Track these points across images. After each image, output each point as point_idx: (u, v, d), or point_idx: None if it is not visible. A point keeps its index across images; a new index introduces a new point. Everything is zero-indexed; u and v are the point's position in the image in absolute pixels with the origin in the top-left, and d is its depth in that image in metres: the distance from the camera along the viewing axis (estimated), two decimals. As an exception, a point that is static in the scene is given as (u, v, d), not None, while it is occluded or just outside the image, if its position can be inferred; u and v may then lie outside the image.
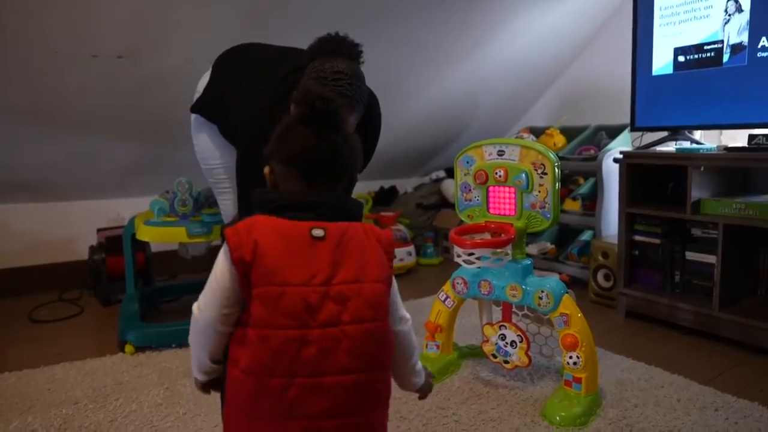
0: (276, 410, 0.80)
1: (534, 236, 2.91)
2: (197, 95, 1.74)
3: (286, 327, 0.79)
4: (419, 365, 1.00)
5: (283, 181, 0.88)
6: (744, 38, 1.97)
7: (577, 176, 2.97)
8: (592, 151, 2.72)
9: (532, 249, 2.81)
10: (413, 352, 0.97)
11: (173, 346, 1.99)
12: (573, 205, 2.77)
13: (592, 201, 2.68)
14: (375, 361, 0.83)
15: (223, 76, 1.68)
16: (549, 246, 2.86)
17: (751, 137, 1.93)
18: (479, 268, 1.59)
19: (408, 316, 0.95)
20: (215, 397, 1.67)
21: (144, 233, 2.08)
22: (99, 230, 2.68)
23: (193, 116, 1.76)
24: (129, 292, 2.27)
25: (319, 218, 0.84)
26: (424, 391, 1.04)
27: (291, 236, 0.82)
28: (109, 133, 2.45)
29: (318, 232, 0.82)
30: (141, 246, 2.44)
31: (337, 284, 0.81)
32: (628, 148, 2.46)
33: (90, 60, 2.07)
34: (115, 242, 2.47)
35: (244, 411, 0.82)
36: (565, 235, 2.96)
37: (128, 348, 1.95)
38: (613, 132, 2.77)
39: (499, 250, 1.50)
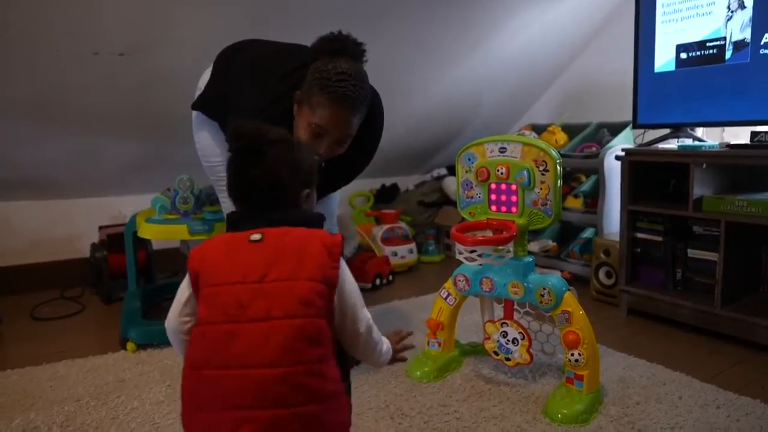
0: (211, 401, 0.85)
1: (535, 234, 2.91)
2: (198, 92, 1.74)
3: (220, 322, 0.86)
4: (383, 355, 1.07)
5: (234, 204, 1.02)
6: (747, 35, 1.97)
7: (578, 174, 2.97)
8: (594, 149, 2.71)
9: (534, 246, 2.81)
10: (374, 348, 1.03)
11: (175, 343, 1.99)
12: (575, 203, 2.76)
13: (594, 198, 2.68)
14: (305, 357, 0.84)
15: (223, 73, 1.68)
16: (551, 243, 2.86)
17: (754, 134, 1.93)
18: (481, 265, 1.59)
19: (366, 316, 0.99)
20: (217, 394, 1.67)
21: (145, 231, 2.08)
22: (101, 228, 2.68)
23: (195, 113, 1.76)
24: (131, 290, 2.28)
25: (257, 226, 0.93)
26: (393, 362, 1.13)
27: (232, 243, 0.92)
28: (111, 130, 2.45)
29: (255, 236, 0.91)
30: (142, 243, 2.44)
31: (269, 281, 0.86)
32: (630, 146, 2.46)
33: (92, 57, 2.06)
34: (116, 240, 2.47)
35: (188, 404, 0.89)
36: (566, 232, 2.95)
37: (130, 345, 1.95)
38: (615, 129, 2.77)
39: (500, 248, 1.49)
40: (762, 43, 1.93)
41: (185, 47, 2.16)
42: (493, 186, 1.58)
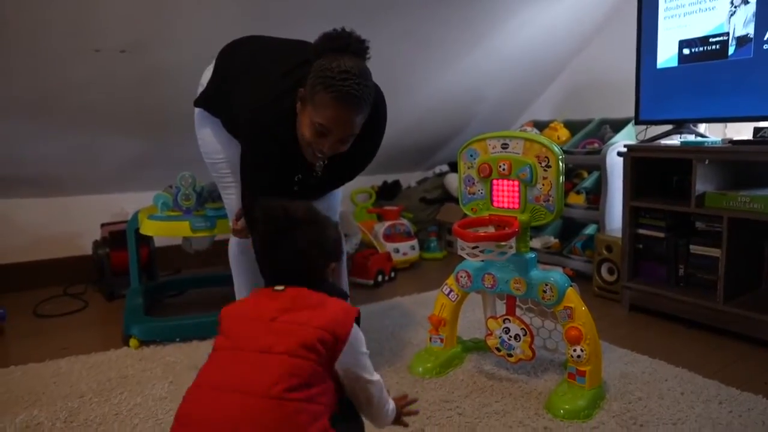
0: (208, 415, 0.89)
1: (538, 230, 2.91)
2: (201, 89, 1.74)
3: (228, 348, 0.94)
4: (388, 415, 1.08)
5: None
6: (750, 30, 1.96)
7: (581, 170, 2.97)
8: (596, 145, 2.71)
9: (536, 243, 2.81)
10: (379, 407, 1.05)
11: (177, 340, 2.00)
12: (577, 199, 2.76)
13: (596, 195, 2.68)
14: (288, 393, 0.85)
15: (225, 69, 1.68)
16: (553, 240, 2.86)
17: (756, 130, 1.92)
18: (483, 261, 1.59)
19: (375, 378, 1.02)
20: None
21: (147, 228, 2.08)
22: (103, 225, 2.69)
23: (197, 110, 1.75)
24: (133, 287, 2.28)
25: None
26: (396, 424, 1.14)
27: (258, 293, 1.01)
28: (113, 127, 2.45)
29: (279, 288, 0.98)
30: (145, 240, 2.44)
31: (281, 322, 0.92)
32: (632, 142, 2.45)
33: (93, 54, 2.06)
34: (118, 237, 2.48)
35: (183, 411, 0.93)
36: (569, 229, 2.95)
37: (133, 342, 1.96)
38: (618, 125, 2.76)
39: (502, 244, 1.49)
40: (765, 38, 1.93)
41: (186, 44, 2.16)
42: (495, 182, 1.58)
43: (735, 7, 1.99)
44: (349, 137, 1.45)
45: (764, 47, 1.93)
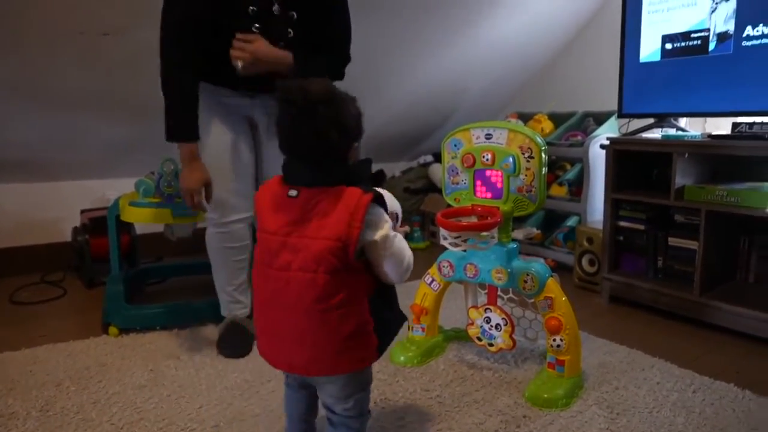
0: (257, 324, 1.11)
1: (520, 221, 2.93)
2: None
3: (260, 263, 1.06)
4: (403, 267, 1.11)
5: None
6: (730, 27, 1.98)
7: (564, 162, 2.98)
8: (579, 137, 2.73)
9: (518, 234, 2.83)
10: (397, 267, 1.09)
11: (158, 327, 1.98)
12: (559, 191, 2.78)
13: (579, 187, 2.70)
14: (314, 306, 0.99)
15: None
16: (535, 231, 2.88)
17: (735, 125, 1.95)
18: (465, 251, 1.60)
19: (401, 255, 1.08)
20: (200, 378, 1.69)
21: (129, 214, 2.05)
22: (83, 211, 2.65)
23: None
24: (113, 274, 2.25)
25: (297, 183, 1.03)
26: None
27: (276, 194, 1.05)
28: (95, 112, 2.41)
29: (292, 192, 1.03)
30: (126, 227, 2.41)
31: (294, 237, 1.00)
32: (614, 135, 2.47)
33: (77, 36, 2.02)
34: (99, 223, 2.44)
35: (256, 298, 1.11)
36: (551, 220, 2.97)
37: (112, 330, 1.94)
38: (601, 118, 2.78)
39: (485, 234, 1.50)
40: (744, 35, 1.95)
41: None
42: (478, 172, 1.58)
43: (716, 3, 2.01)
44: None
45: (743, 44, 1.96)
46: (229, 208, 1.78)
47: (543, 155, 1.48)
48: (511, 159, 1.50)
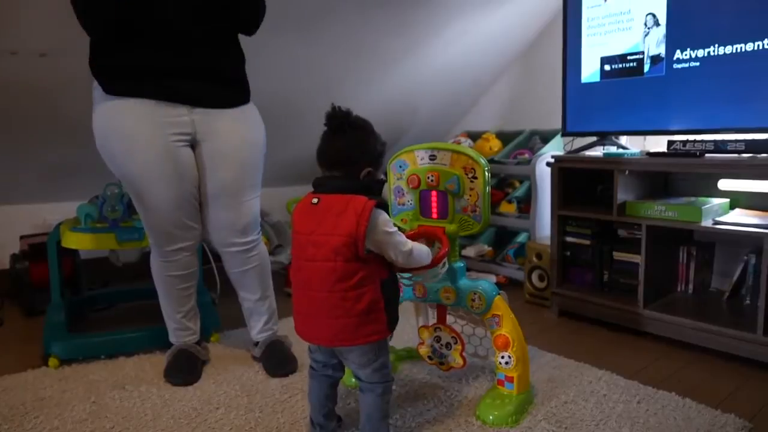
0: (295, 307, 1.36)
1: (471, 239, 2.97)
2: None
3: (295, 257, 1.33)
4: (421, 256, 1.37)
5: None
6: (662, 50, 2.09)
7: (513, 179, 3.05)
8: (527, 155, 2.80)
9: (470, 251, 2.86)
10: (410, 259, 1.33)
11: (102, 357, 1.91)
12: (509, 208, 2.84)
13: (527, 204, 2.76)
14: (335, 286, 1.24)
15: None
16: (486, 248, 2.93)
17: (670, 143, 2.05)
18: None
19: (396, 247, 1.29)
20: (146, 408, 1.63)
21: (70, 240, 1.99)
22: (22, 237, 2.54)
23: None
24: (54, 302, 2.16)
25: (319, 191, 1.30)
26: (436, 262, 1.46)
27: (305, 203, 1.32)
28: (32, 134, 2.32)
29: (314, 200, 1.29)
30: (69, 253, 2.32)
31: (317, 235, 1.26)
32: (560, 153, 2.55)
33: (8, 57, 1.96)
34: (39, 250, 2.35)
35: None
36: (502, 237, 3.03)
37: (52, 361, 1.86)
38: (547, 136, 2.87)
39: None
40: (675, 58, 2.05)
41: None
42: (423, 193, 1.60)
43: (648, 28, 2.12)
44: None
45: (674, 66, 2.06)
46: (172, 237, 1.74)
47: (486, 175, 1.51)
48: (455, 179, 1.52)
